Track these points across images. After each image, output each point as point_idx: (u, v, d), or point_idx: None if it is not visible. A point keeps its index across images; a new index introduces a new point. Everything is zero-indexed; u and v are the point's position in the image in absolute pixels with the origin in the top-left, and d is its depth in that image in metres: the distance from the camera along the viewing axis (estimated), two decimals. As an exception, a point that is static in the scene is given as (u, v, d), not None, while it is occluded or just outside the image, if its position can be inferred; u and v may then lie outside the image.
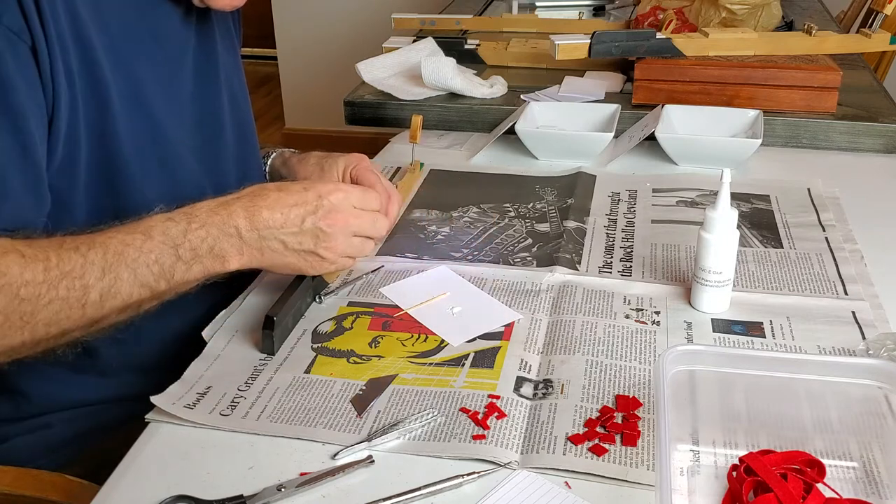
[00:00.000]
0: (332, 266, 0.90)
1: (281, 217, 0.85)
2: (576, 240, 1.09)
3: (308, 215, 0.86)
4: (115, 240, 0.78)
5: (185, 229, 0.81)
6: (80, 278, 0.75)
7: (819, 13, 2.12)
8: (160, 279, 0.80)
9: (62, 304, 0.75)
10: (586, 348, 0.86)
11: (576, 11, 2.21)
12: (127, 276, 0.78)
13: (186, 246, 0.81)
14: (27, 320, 0.73)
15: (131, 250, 0.78)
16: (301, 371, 0.84)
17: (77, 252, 0.76)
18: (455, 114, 1.48)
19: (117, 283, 0.77)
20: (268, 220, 0.85)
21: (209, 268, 0.83)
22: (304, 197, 0.87)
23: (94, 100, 0.84)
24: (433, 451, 0.73)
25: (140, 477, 0.72)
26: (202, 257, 0.82)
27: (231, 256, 0.84)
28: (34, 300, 0.73)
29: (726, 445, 0.72)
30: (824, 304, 0.93)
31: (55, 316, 0.75)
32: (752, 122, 1.33)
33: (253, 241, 0.85)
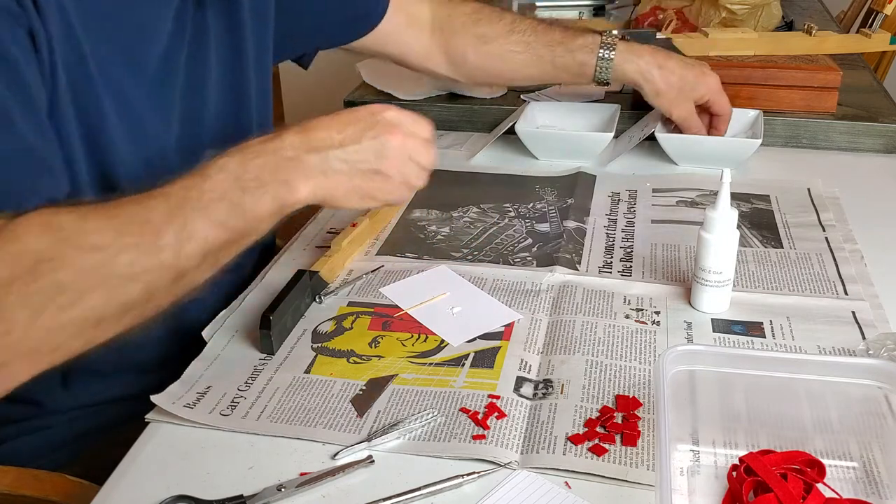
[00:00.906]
0: (395, 192, 0.84)
1: (338, 136, 0.80)
2: (576, 240, 1.09)
3: (366, 130, 0.81)
4: (174, 187, 0.73)
5: (241, 160, 0.76)
6: (148, 222, 0.70)
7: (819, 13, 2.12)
8: (231, 216, 0.74)
9: (135, 250, 0.68)
10: (586, 348, 0.86)
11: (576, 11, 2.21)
12: (197, 216, 0.72)
13: (248, 176, 0.75)
14: (102, 274, 0.67)
15: (193, 192, 0.73)
16: (301, 371, 0.84)
17: (137, 202, 0.71)
18: (455, 114, 1.48)
19: (189, 224, 0.71)
20: (325, 139, 0.80)
21: (279, 196, 0.76)
22: (356, 115, 0.83)
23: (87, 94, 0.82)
24: (433, 451, 0.73)
25: (140, 477, 0.72)
26: (268, 184, 0.75)
27: (297, 181, 0.77)
28: (102, 250, 0.67)
29: (726, 445, 0.73)
30: (824, 304, 0.93)
31: (131, 267, 0.68)
32: (752, 122, 1.33)
33: (315, 164, 0.78)
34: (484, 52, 1.27)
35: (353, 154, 0.80)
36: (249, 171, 0.75)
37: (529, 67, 1.28)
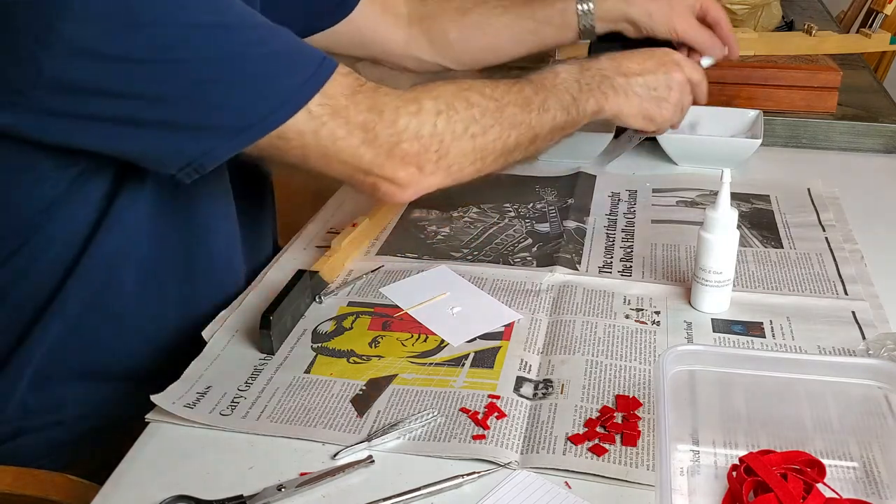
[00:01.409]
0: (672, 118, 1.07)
1: (639, 66, 1.04)
2: (576, 240, 1.09)
3: (661, 65, 1.05)
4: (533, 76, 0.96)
5: (579, 70, 0.99)
6: (522, 91, 0.93)
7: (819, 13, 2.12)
8: (571, 107, 0.96)
9: (516, 107, 0.91)
10: (586, 348, 0.86)
11: (576, 11, 2.21)
12: (551, 96, 0.95)
13: (584, 80, 0.99)
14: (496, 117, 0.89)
15: (549, 80, 0.96)
16: (301, 371, 0.84)
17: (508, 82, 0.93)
18: (455, 114, 1.48)
19: (547, 101, 0.94)
20: (632, 68, 1.03)
21: (598, 102, 0.99)
22: (653, 52, 1.07)
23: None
24: (433, 451, 0.73)
25: (140, 477, 0.72)
26: (594, 91, 0.99)
27: (609, 95, 1.00)
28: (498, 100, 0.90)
29: (726, 445, 0.73)
30: (824, 304, 0.93)
31: (514, 118, 0.91)
32: (752, 122, 1.33)
33: (622, 85, 1.02)
34: (464, 24, 1.26)
35: (652, 81, 1.04)
36: (584, 78, 0.99)
37: (512, 28, 1.27)
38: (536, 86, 0.95)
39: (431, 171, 0.87)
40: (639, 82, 1.03)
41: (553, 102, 0.94)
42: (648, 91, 1.03)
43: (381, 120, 0.83)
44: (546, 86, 0.95)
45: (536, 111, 0.93)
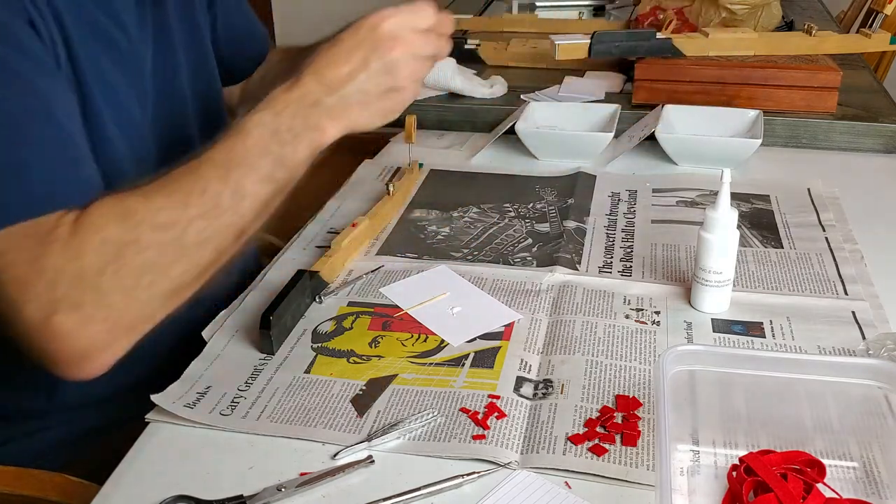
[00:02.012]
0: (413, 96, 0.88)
1: (346, 68, 0.84)
2: (576, 240, 1.09)
3: (369, 53, 0.84)
4: (217, 151, 0.80)
5: (273, 114, 0.81)
6: (204, 192, 0.77)
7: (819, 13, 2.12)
8: (276, 168, 0.80)
9: (201, 220, 0.76)
10: (586, 348, 0.86)
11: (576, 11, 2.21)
12: (245, 174, 0.79)
13: (283, 129, 0.81)
14: (179, 246, 0.75)
15: (237, 152, 0.79)
16: (301, 371, 0.84)
17: (189, 174, 0.78)
18: (455, 114, 1.48)
19: (241, 182, 0.78)
20: (336, 76, 0.84)
21: (313, 141, 0.82)
22: (357, 37, 0.85)
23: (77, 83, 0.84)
24: (433, 451, 0.73)
25: (140, 477, 0.72)
26: (300, 134, 0.82)
27: (324, 124, 0.83)
28: (174, 225, 0.75)
29: (726, 445, 0.73)
30: (824, 304, 0.93)
31: (201, 234, 0.76)
32: (752, 122, 1.33)
33: (336, 104, 0.84)
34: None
35: (365, 83, 0.84)
36: (283, 123, 0.81)
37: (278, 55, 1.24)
38: (223, 170, 0.78)
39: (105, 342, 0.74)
40: (352, 89, 0.84)
41: (250, 181, 0.79)
42: (369, 92, 0.85)
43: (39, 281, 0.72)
44: (236, 161, 0.79)
45: (230, 209, 0.78)
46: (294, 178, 0.83)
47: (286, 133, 0.81)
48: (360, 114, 0.85)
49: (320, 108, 0.83)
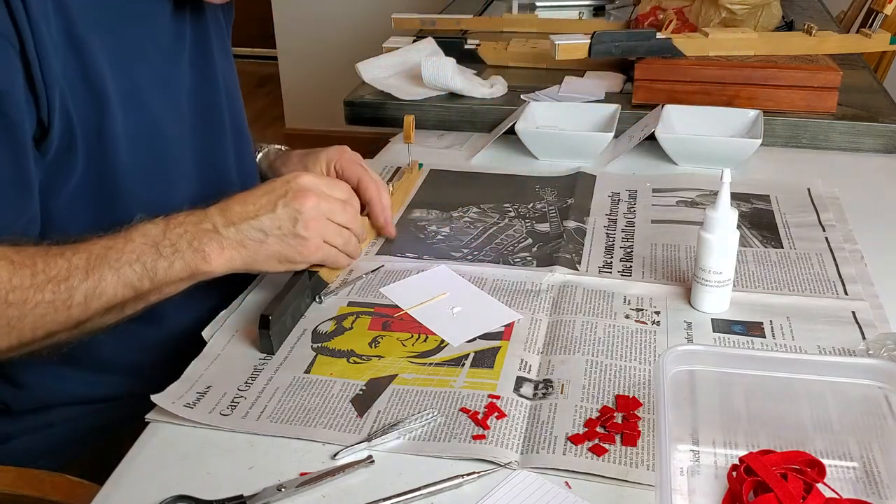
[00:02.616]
0: (317, 252, 0.90)
1: (253, 207, 0.87)
2: (576, 240, 1.09)
3: (279, 199, 0.88)
4: (98, 245, 0.80)
5: (163, 229, 0.83)
6: (65, 281, 0.78)
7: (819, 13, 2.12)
8: (143, 278, 0.81)
9: (48, 307, 0.77)
10: (586, 348, 0.86)
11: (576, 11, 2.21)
12: (110, 276, 0.80)
13: (166, 243, 0.82)
14: (14, 325, 0.76)
15: (113, 252, 0.80)
16: (301, 371, 0.84)
17: (62, 257, 0.78)
18: (455, 114, 1.48)
19: (101, 284, 0.79)
20: (240, 212, 0.87)
21: (191, 264, 0.83)
22: (272, 185, 0.89)
23: (91, 99, 0.84)
24: (433, 451, 0.73)
25: (140, 477, 0.72)
26: (182, 252, 0.83)
27: (212, 252, 0.84)
28: (21, 304, 0.75)
29: (726, 445, 0.72)
30: (824, 304, 0.93)
31: (41, 319, 0.77)
32: (752, 122, 1.33)
33: (232, 235, 0.86)
34: None
35: (268, 222, 0.87)
36: (169, 238, 0.83)
37: None
38: (91, 264, 0.79)
39: None
40: (252, 226, 0.86)
41: (111, 284, 0.79)
42: (269, 233, 0.87)
43: None
44: (107, 261, 0.80)
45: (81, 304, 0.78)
46: (158, 293, 0.83)
47: (167, 247, 0.82)
48: (254, 252, 0.87)
49: (213, 236, 0.85)
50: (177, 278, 0.83)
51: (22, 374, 0.93)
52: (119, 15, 0.87)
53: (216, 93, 1.02)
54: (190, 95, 0.97)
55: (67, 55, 0.81)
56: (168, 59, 0.94)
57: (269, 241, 0.87)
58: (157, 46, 0.92)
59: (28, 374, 0.93)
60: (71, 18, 0.81)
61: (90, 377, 0.96)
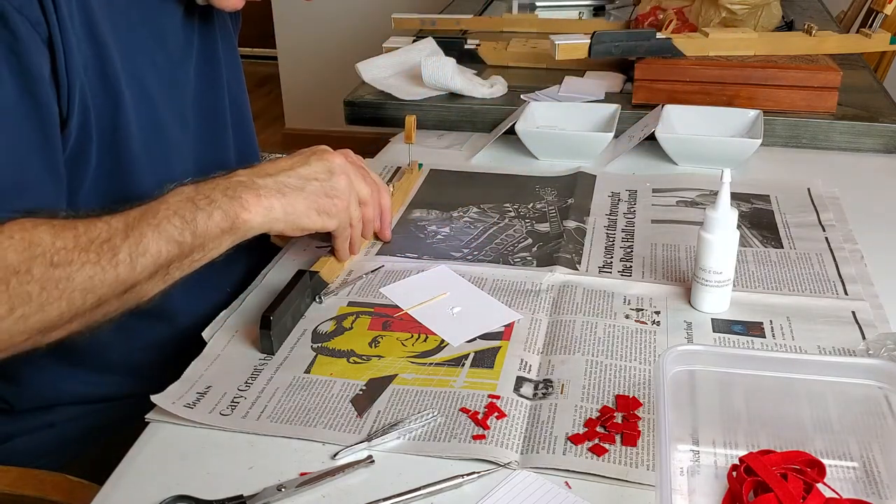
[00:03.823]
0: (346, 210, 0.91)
1: (285, 163, 0.88)
2: (576, 240, 1.09)
3: (311, 154, 0.90)
4: (133, 210, 0.79)
5: (195, 186, 0.83)
6: (108, 241, 0.76)
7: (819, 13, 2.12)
8: (184, 231, 0.80)
9: (94, 267, 0.75)
10: (586, 348, 0.86)
11: (576, 11, 2.21)
12: (151, 232, 0.78)
13: (200, 196, 0.81)
14: (63, 287, 0.73)
15: (150, 212, 0.79)
16: (301, 371, 0.84)
17: (101, 220, 0.77)
18: (455, 114, 1.48)
19: (143, 241, 0.77)
20: (273, 167, 0.87)
21: (230, 213, 0.82)
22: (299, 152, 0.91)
23: (107, 94, 0.85)
24: (433, 451, 0.73)
25: (140, 477, 0.72)
26: (218, 201, 0.82)
27: (249, 199, 0.83)
28: (67, 266, 0.73)
29: (726, 445, 0.73)
30: (824, 304, 0.93)
31: (89, 281, 0.74)
32: (752, 122, 1.33)
33: (269, 184, 0.85)
34: None
35: (304, 171, 0.88)
36: (202, 192, 0.82)
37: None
38: (130, 224, 0.78)
39: None
40: (289, 175, 0.87)
41: (153, 240, 0.78)
42: (308, 182, 0.87)
43: None
44: (146, 220, 0.78)
45: (125, 263, 0.76)
46: (204, 248, 0.82)
47: (202, 199, 0.81)
48: (293, 200, 0.86)
49: (248, 185, 0.84)
50: (217, 230, 0.82)
51: (23, 374, 0.93)
52: (130, 18, 0.88)
53: (220, 99, 1.02)
54: (195, 101, 0.98)
55: (88, 50, 0.82)
56: (176, 65, 0.95)
57: (308, 188, 0.87)
58: (166, 51, 0.93)
59: (29, 373, 0.93)
60: (91, 15, 0.82)
61: (91, 377, 0.96)
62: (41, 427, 0.95)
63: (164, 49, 0.93)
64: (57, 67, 0.79)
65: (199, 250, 0.81)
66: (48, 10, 0.77)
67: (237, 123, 1.06)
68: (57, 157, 0.81)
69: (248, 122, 1.10)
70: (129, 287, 0.78)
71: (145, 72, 0.90)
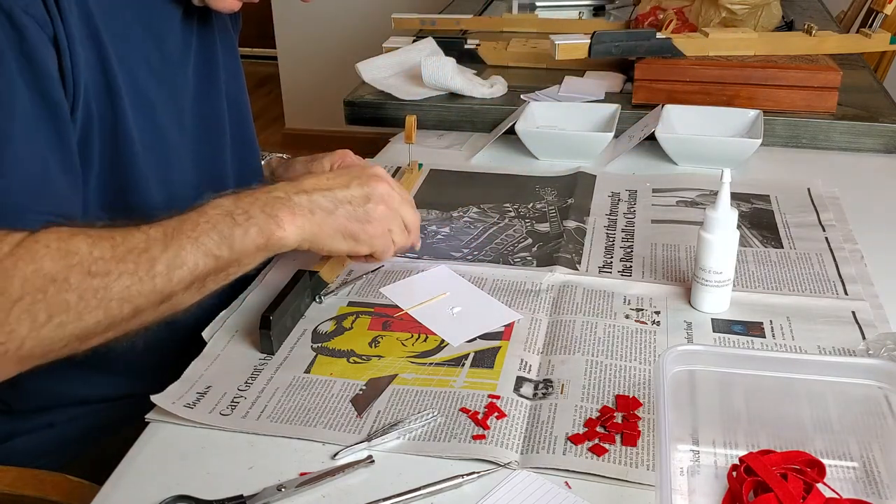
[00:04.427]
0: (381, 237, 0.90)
1: (326, 182, 0.88)
2: (576, 240, 1.09)
3: (354, 178, 0.89)
4: (171, 220, 0.79)
5: (234, 199, 0.82)
6: (146, 252, 0.76)
7: (819, 13, 2.12)
8: (221, 246, 0.80)
9: (132, 277, 0.75)
10: (586, 348, 0.86)
11: (576, 11, 2.21)
12: (189, 245, 0.78)
13: (238, 211, 0.81)
14: (101, 297, 0.73)
15: (188, 224, 0.79)
16: (301, 371, 0.84)
17: (138, 230, 0.77)
18: (455, 114, 1.48)
19: (181, 253, 0.77)
20: (313, 184, 0.87)
21: (265, 230, 0.82)
22: (347, 169, 0.92)
23: (108, 96, 0.85)
24: (433, 451, 0.73)
25: (140, 477, 0.72)
26: (256, 218, 0.81)
27: (283, 217, 0.83)
28: (105, 276, 0.73)
29: (726, 445, 0.73)
30: (824, 304, 0.93)
31: (126, 291, 0.74)
32: (752, 122, 1.33)
33: (303, 202, 0.85)
34: None
35: (340, 194, 0.87)
36: (240, 207, 0.81)
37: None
38: (168, 236, 0.78)
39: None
40: (325, 196, 0.86)
41: (191, 253, 0.78)
42: (340, 205, 0.87)
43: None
44: (184, 233, 0.78)
45: (163, 274, 0.76)
46: (240, 263, 0.82)
47: (240, 215, 0.81)
48: (322, 221, 0.85)
49: (285, 202, 0.84)
50: (253, 246, 0.81)
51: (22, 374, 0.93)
52: (127, 19, 0.88)
53: (219, 102, 1.02)
54: (193, 104, 0.97)
55: (89, 50, 0.82)
56: (173, 68, 0.95)
57: (338, 212, 0.86)
58: (164, 53, 0.93)
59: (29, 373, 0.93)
60: (90, 16, 0.82)
61: (90, 377, 0.96)
62: (41, 427, 0.95)
63: (162, 51, 0.93)
64: (63, 66, 0.79)
65: (234, 265, 0.82)
66: (52, 9, 0.77)
67: (237, 125, 1.06)
68: (72, 155, 0.81)
69: (248, 123, 1.10)
70: (166, 298, 0.78)
71: (142, 73, 0.89)
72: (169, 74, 0.94)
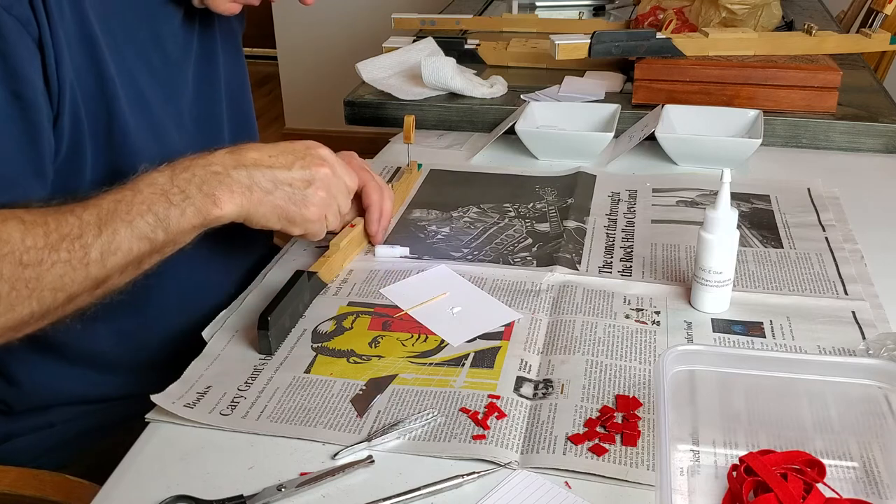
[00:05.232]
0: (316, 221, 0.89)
1: (269, 159, 0.85)
2: (576, 240, 1.08)
3: (297, 160, 0.87)
4: (106, 199, 0.78)
5: (170, 175, 0.81)
6: (79, 238, 0.75)
7: (819, 13, 2.12)
8: (157, 229, 0.79)
9: (65, 266, 0.74)
10: (586, 348, 0.86)
11: (576, 11, 2.21)
12: (123, 229, 0.77)
13: (175, 190, 0.80)
14: (33, 287, 0.72)
15: (123, 205, 0.78)
16: (301, 371, 0.84)
17: (73, 214, 0.76)
18: (455, 114, 1.48)
19: (116, 238, 0.77)
20: (255, 158, 0.85)
21: (202, 210, 0.81)
22: (292, 146, 0.88)
23: (102, 98, 0.84)
24: (433, 451, 0.73)
25: (140, 477, 0.72)
26: (192, 198, 0.80)
27: (222, 195, 0.81)
28: (37, 265, 0.72)
29: (726, 445, 0.72)
30: (824, 304, 0.93)
31: (60, 280, 0.74)
32: (752, 122, 1.33)
33: (242, 179, 0.83)
34: None
35: (281, 175, 0.86)
36: (177, 185, 0.80)
37: None
38: (102, 220, 0.76)
39: None
40: (265, 174, 0.84)
41: (125, 238, 0.77)
42: (280, 186, 0.85)
43: None
44: (119, 216, 0.77)
45: (97, 262, 0.75)
46: (176, 243, 0.81)
47: (176, 195, 0.80)
48: (258, 201, 0.84)
49: (223, 178, 0.82)
50: (189, 226, 0.81)
51: (22, 374, 0.93)
52: (126, 20, 0.88)
53: (218, 103, 1.02)
54: (192, 105, 0.97)
55: (81, 52, 0.82)
56: (173, 68, 0.94)
57: (276, 193, 0.85)
58: (164, 55, 0.93)
59: (28, 373, 0.93)
60: (84, 16, 0.82)
61: (90, 377, 0.96)
62: (41, 427, 0.95)
63: (162, 51, 0.93)
64: (47, 68, 0.79)
65: (170, 245, 0.81)
66: (38, 9, 0.77)
67: (239, 125, 1.06)
68: (44, 159, 0.81)
69: (250, 124, 1.10)
70: (101, 283, 0.77)
71: (142, 74, 0.89)
72: (169, 76, 0.94)
